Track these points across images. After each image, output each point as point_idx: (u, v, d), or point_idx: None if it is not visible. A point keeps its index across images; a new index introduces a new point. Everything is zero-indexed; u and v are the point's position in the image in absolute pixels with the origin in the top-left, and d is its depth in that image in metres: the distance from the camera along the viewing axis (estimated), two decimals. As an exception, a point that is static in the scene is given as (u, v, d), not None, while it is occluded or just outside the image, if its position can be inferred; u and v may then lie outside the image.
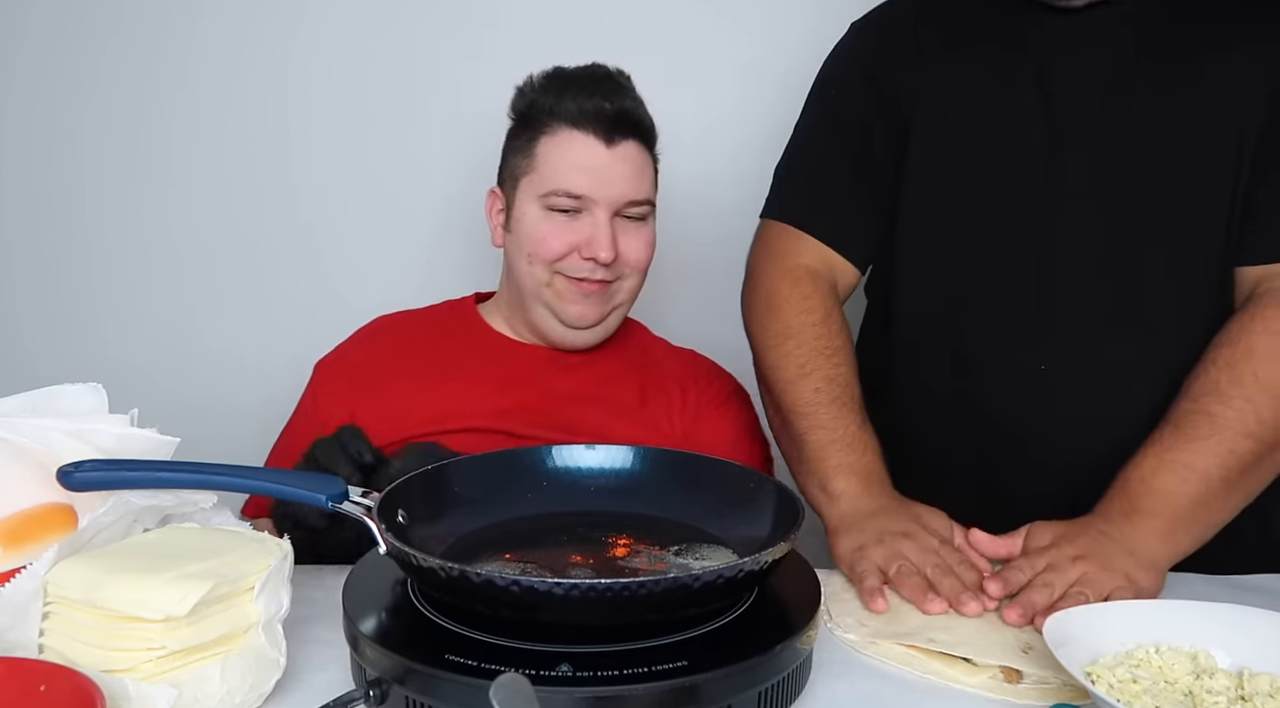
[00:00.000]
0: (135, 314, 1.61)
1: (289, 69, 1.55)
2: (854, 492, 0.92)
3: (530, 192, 1.09)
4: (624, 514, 0.81)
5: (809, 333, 1.01)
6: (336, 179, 1.58)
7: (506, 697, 0.54)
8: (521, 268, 1.11)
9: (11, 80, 1.57)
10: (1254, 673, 0.66)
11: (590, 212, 1.07)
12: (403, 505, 0.74)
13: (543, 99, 1.09)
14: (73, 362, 1.51)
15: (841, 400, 0.98)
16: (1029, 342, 0.99)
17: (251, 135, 1.57)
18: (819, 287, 1.04)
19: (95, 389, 0.80)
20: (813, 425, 0.97)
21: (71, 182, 1.60)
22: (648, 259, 1.13)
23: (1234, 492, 0.86)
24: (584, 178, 1.06)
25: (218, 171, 1.58)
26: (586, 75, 1.10)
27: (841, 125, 1.08)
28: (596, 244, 1.06)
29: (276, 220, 1.59)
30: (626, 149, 1.08)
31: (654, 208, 1.14)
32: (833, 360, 1.00)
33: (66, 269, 1.62)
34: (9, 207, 1.61)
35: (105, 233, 1.60)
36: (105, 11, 1.54)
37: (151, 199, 1.59)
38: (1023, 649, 0.73)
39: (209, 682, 0.61)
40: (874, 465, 0.95)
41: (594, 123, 1.06)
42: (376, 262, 1.58)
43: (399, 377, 1.13)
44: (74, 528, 0.69)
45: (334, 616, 0.68)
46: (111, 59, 1.55)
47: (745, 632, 0.65)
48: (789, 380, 1.00)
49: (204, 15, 1.53)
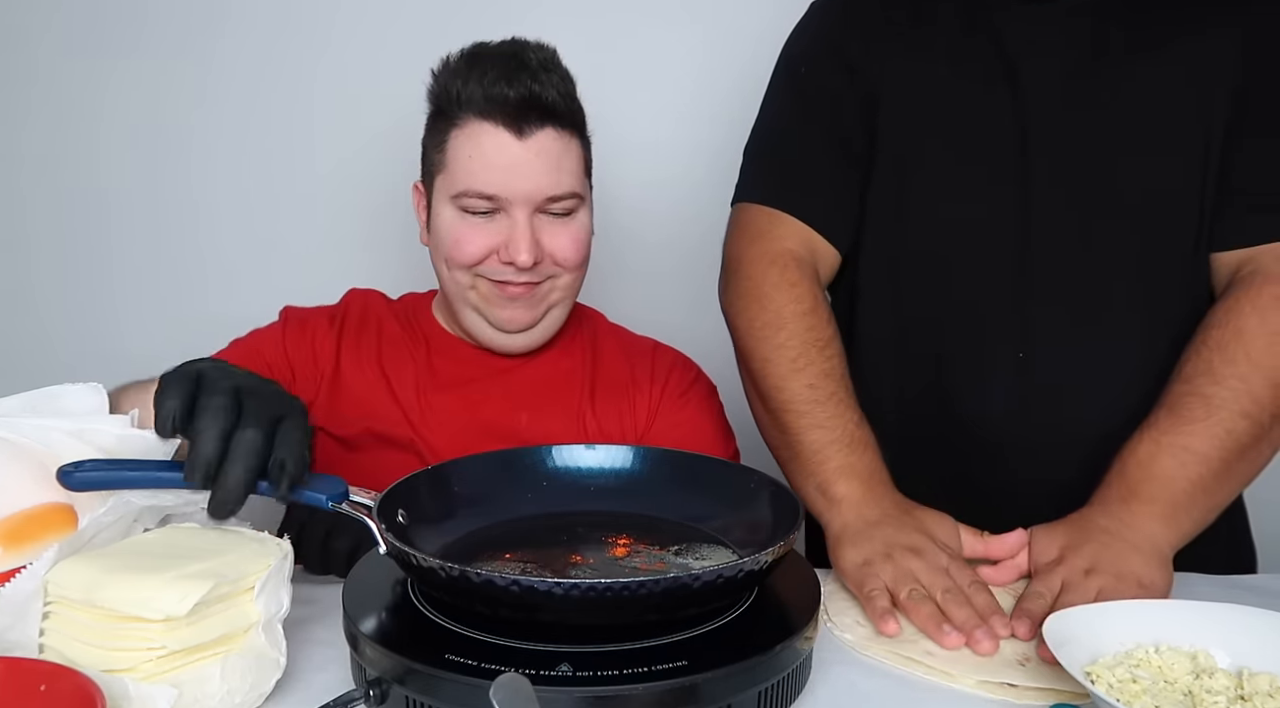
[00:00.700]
0: (154, 316, 1.64)
1: (307, 74, 1.58)
2: (856, 496, 0.89)
3: (444, 192, 1.01)
4: (623, 514, 0.81)
5: (800, 324, 0.96)
6: (356, 184, 1.59)
7: (506, 697, 0.54)
8: (443, 272, 1.04)
9: (34, 88, 1.59)
10: (1254, 673, 0.66)
11: (507, 211, 0.99)
12: (403, 505, 0.74)
13: (452, 84, 0.99)
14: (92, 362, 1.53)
15: (838, 396, 0.94)
16: (1004, 334, 0.97)
17: (271, 141, 1.60)
18: (805, 273, 1.00)
19: (96, 389, 0.79)
20: (809, 424, 0.93)
21: (92, 186, 1.62)
22: (578, 255, 1.03)
23: (1232, 473, 0.86)
24: (494, 176, 0.97)
25: (236, 176, 1.61)
26: (495, 54, 0.99)
27: (814, 102, 1.04)
28: (514, 247, 0.98)
29: (295, 224, 1.61)
30: (541, 140, 0.97)
31: (584, 199, 1.04)
32: (825, 353, 0.96)
33: (87, 272, 1.65)
34: (32, 210, 1.64)
35: (125, 236, 1.63)
36: (127, 20, 1.56)
37: (170, 203, 1.62)
38: (1020, 662, 0.72)
39: (209, 682, 0.61)
40: (875, 465, 0.92)
41: (501, 112, 0.96)
42: (396, 265, 1.59)
43: (351, 367, 1.08)
44: (74, 528, 0.69)
45: (334, 616, 0.68)
46: (131, 66, 1.58)
47: (745, 632, 0.65)
48: (781, 376, 0.96)
49: (225, 20, 1.56)
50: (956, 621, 0.76)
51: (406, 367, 1.08)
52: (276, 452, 0.66)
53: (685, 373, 1.13)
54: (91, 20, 1.57)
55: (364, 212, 1.60)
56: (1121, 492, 0.85)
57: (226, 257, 1.64)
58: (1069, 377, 0.96)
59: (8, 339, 1.65)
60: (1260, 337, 0.86)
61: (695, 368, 1.15)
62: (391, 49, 1.55)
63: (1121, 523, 0.83)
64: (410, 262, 1.57)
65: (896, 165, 1.01)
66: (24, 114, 1.60)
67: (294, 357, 1.08)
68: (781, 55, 1.09)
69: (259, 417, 0.67)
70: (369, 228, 1.61)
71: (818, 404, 0.94)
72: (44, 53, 1.58)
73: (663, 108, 1.58)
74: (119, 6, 1.57)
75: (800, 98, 1.05)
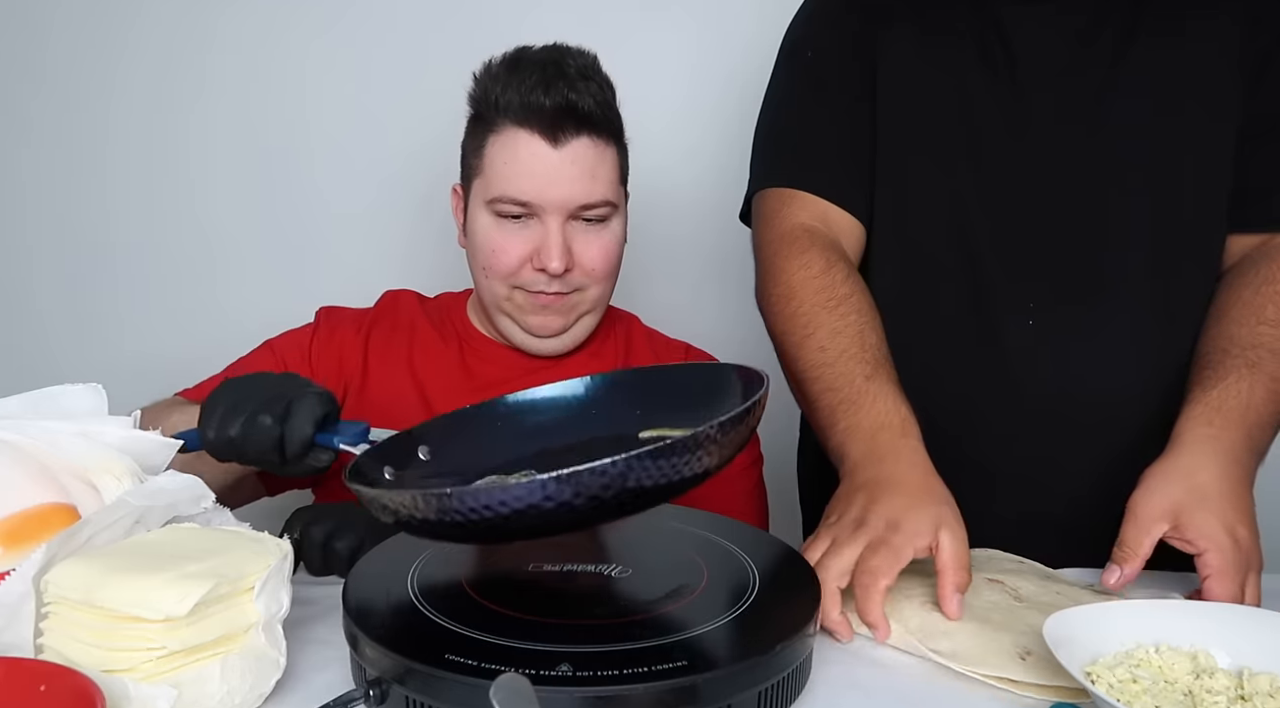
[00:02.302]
0: (155, 317, 1.65)
1: (305, 68, 1.57)
2: (856, 456, 0.85)
3: (480, 196, 1.03)
4: (591, 439, 0.79)
5: (808, 288, 0.94)
6: (358, 175, 1.60)
7: (506, 697, 0.54)
8: (479, 278, 1.07)
9: (41, 85, 1.60)
10: (1254, 673, 0.66)
11: (540, 218, 1.01)
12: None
13: (492, 88, 1.00)
14: (94, 359, 1.55)
15: (848, 353, 0.90)
16: (1016, 305, 0.97)
17: (271, 134, 1.60)
18: (815, 241, 0.97)
19: (95, 389, 0.80)
20: (822, 389, 0.90)
21: (95, 182, 1.62)
22: (608, 266, 1.05)
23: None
24: (529, 183, 0.99)
25: (236, 171, 1.61)
26: (535, 61, 1.00)
27: (821, 86, 1.03)
28: (547, 254, 1.00)
29: (297, 219, 1.62)
30: (576, 148, 0.99)
31: (618, 207, 1.06)
32: (838, 312, 0.92)
33: (89, 268, 1.65)
34: (34, 207, 1.64)
35: (127, 232, 1.63)
36: (124, 15, 1.56)
37: (171, 198, 1.62)
38: (1021, 655, 0.72)
39: (209, 682, 0.61)
40: (882, 417, 0.86)
41: (537, 119, 0.97)
42: (400, 259, 1.60)
43: (379, 370, 1.10)
44: (74, 528, 0.69)
45: (334, 616, 0.68)
46: (130, 62, 1.58)
47: (745, 632, 0.65)
48: (795, 344, 0.93)
49: (221, 16, 1.56)
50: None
51: (438, 368, 1.11)
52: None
53: None
54: (94, 21, 1.57)
55: (371, 205, 1.61)
56: (1208, 430, 0.83)
57: (231, 257, 1.64)
58: (1075, 346, 0.96)
59: (9, 339, 1.66)
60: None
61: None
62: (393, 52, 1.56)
63: (1217, 469, 0.81)
64: (437, 257, 1.58)
65: (898, 149, 1.01)
66: (28, 114, 1.60)
67: (317, 361, 1.10)
68: (785, 41, 1.09)
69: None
70: (376, 223, 1.61)
71: (827, 367, 0.91)
72: (50, 53, 1.58)
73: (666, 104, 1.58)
74: (124, 7, 1.57)
75: (807, 82, 1.04)
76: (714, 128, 1.54)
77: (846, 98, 1.02)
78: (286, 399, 0.80)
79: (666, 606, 0.68)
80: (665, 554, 0.78)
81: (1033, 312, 0.96)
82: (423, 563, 0.74)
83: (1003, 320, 0.98)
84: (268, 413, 0.78)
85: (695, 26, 1.55)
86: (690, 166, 1.56)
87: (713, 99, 1.55)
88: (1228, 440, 0.82)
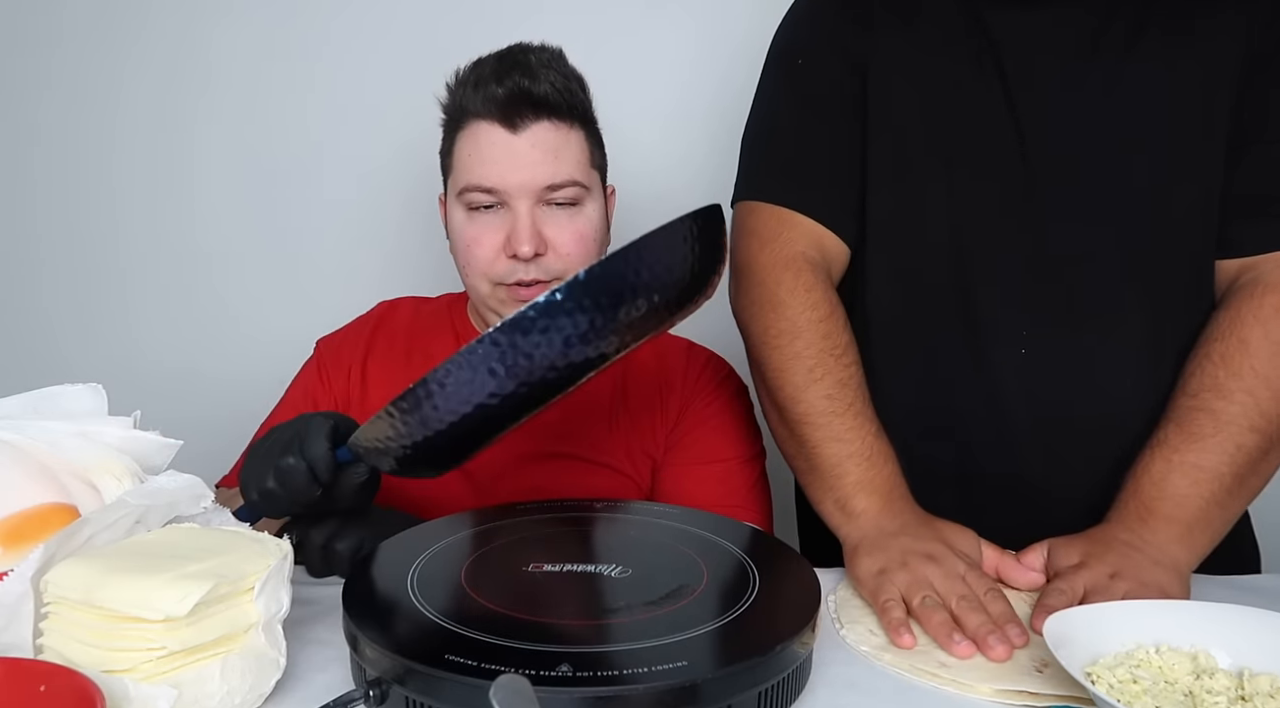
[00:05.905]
0: (162, 314, 1.65)
1: (308, 73, 1.58)
2: (875, 509, 0.88)
3: (453, 192, 1.04)
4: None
5: (816, 331, 0.94)
6: (362, 179, 1.60)
7: (506, 697, 0.54)
8: (466, 280, 1.07)
9: (48, 90, 1.60)
10: (1254, 673, 0.65)
11: (509, 205, 1.00)
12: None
13: (456, 92, 1.03)
14: (98, 359, 1.55)
15: (855, 407, 0.92)
16: (1007, 332, 0.96)
17: (274, 138, 1.60)
18: (819, 277, 0.97)
19: (95, 390, 0.80)
20: (827, 437, 0.91)
21: (100, 186, 1.63)
22: (583, 249, 1.03)
23: (1244, 487, 0.86)
24: (492, 169, 0.99)
25: (239, 174, 1.61)
26: (494, 57, 1.02)
27: (812, 95, 1.01)
28: (516, 238, 0.99)
29: (302, 223, 1.62)
30: (536, 132, 0.99)
31: (589, 190, 1.04)
32: (842, 361, 0.94)
33: (97, 268, 1.65)
34: (42, 210, 1.65)
35: (132, 234, 1.64)
36: (129, 23, 1.57)
37: (176, 201, 1.63)
38: (1037, 668, 0.72)
39: (209, 682, 0.61)
40: (894, 478, 0.90)
41: (496, 108, 0.99)
42: (403, 262, 1.60)
43: (377, 378, 1.11)
44: (74, 529, 0.69)
45: (334, 616, 0.68)
46: (137, 64, 1.59)
47: (745, 632, 0.65)
48: (798, 386, 0.93)
49: (223, 21, 1.57)
50: (969, 627, 0.75)
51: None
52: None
53: (716, 371, 1.13)
54: (100, 29, 1.58)
55: (406, 215, 1.61)
56: (1138, 510, 0.85)
57: (234, 259, 1.64)
58: (1069, 373, 0.95)
59: (16, 340, 1.66)
60: (1264, 348, 0.86)
61: (727, 367, 1.15)
62: (392, 55, 1.56)
63: (1141, 539, 0.83)
64: (440, 261, 1.58)
65: (890, 159, 0.99)
66: (36, 119, 1.61)
67: (323, 395, 1.12)
68: (773, 46, 1.07)
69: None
70: (410, 231, 1.61)
71: (836, 416, 0.92)
72: (58, 59, 1.59)
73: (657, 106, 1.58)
74: (129, 16, 1.57)
75: (797, 90, 1.03)
76: (712, 128, 1.54)
77: (838, 114, 1.00)
78: (299, 436, 0.81)
79: (666, 606, 0.68)
80: (665, 554, 0.78)
81: (1025, 340, 0.96)
82: (423, 563, 0.74)
83: (995, 342, 0.97)
84: (287, 454, 0.80)
85: (693, 25, 1.55)
86: (690, 166, 1.56)
87: (711, 99, 1.55)
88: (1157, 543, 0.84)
